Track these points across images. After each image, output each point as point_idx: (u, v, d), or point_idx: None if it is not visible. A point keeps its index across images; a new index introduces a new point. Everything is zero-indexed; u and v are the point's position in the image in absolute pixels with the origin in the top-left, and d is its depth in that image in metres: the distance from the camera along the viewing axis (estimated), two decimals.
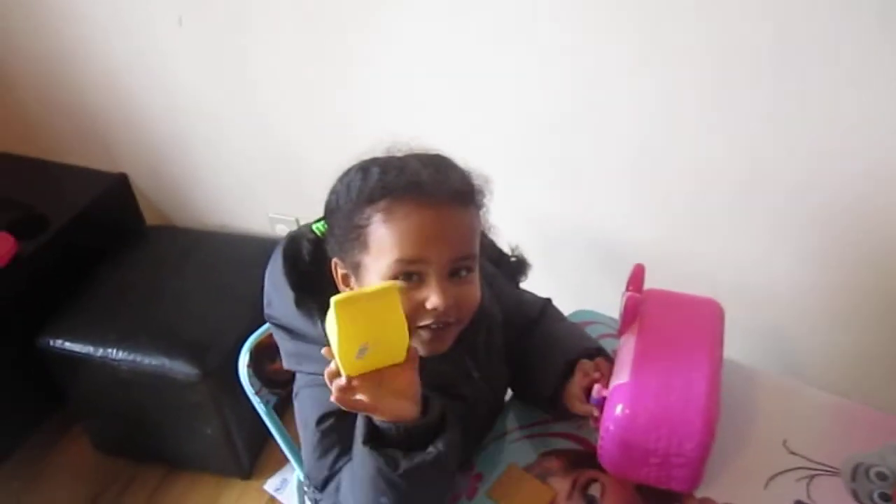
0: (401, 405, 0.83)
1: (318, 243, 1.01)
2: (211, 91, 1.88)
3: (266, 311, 1.02)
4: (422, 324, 0.90)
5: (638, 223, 1.60)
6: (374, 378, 0.80)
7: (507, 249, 1.15)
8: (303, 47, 1.69)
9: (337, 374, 0.79)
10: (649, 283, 1.11)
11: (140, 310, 1.83)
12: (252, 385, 1.25)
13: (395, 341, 0.80)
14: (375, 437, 0.84)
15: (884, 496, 1.02)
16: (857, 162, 1.33)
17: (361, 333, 0.77)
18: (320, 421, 0.94)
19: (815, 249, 1.47)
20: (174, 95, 1.94)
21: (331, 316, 0.78)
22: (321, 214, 1.06)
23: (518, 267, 1.14)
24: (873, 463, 1.06)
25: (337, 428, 0.93)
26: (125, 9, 1.82)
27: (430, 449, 0.84)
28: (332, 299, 0.76)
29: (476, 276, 0.94)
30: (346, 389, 0.79)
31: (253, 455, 1.94)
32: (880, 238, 1.39)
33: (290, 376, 1.32)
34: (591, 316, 1.30)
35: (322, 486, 0.96)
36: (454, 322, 0.93)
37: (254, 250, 2.03)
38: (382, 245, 0.88)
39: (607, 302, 1.34)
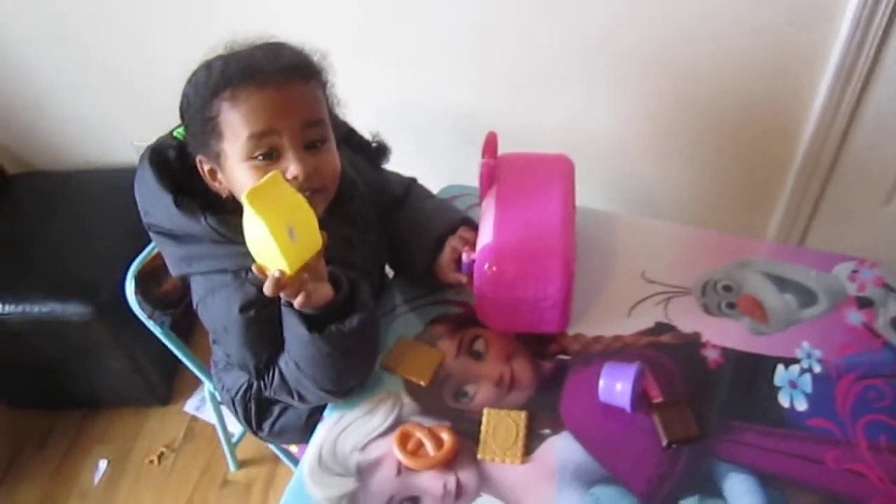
0: (324, 289, 0.93)
1: (181, 147, 1.03)
2: (40, 23, 1.77)
3: (145, 221, 1.04)
4: None
5: (491, 95, 1.65)
6: (303, 270, 0.88)
7: (368, 136, 1.19)
8: None
9: (278, 281, 0.86)
10: (514, 150, 1.18)
11: (19, 259, 1.78)
12: (144, 310, 1.27)
13: (308, 225, 0.88)
14: (312, 324, 0.93)
15: (730, 305, 1.15)
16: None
17: (281, 216, 0.84)
18: (243, 310, 0.98)
19: (650, 97, 1.56)
20: (4, 37, 1.82)
21: (249, 215, 0.85)
22: None
23: (379, 151, 1.18)
24: (720, 278, 1.19)
25: (259, 316, 0.98)
26: None
27: (360, 310, 0.96)
28: (243, 196, 0.84)
29: (332, 145, 1.00)
30: (289, 285, 0.87)
31: (167, 380, 1.97)
32: (702, 86, 1.50)
33: (180, 296, 1.35)
34: (459, 189, 1.37)
35: (256, 374, 1.04)
36: (319, 188, 0.99)
37: (124, 181, 1.95)
38: (234, 128, 0.93)
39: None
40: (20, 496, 1.85)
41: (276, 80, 0.93)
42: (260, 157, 0.94)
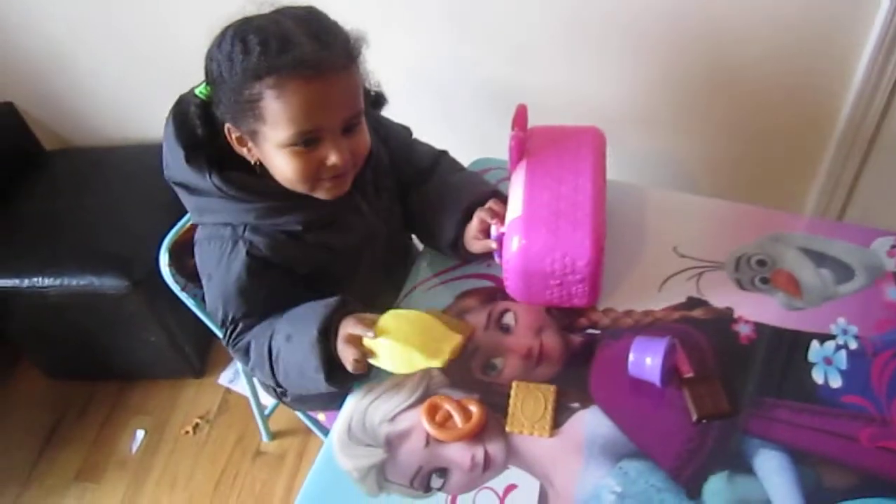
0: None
1: (204, 106, 1.02)
2: (76, 3, 1.79)
3: (165, 173, 1.07)
4: (325, 177, 1.00)
5: (523, 67, 1.62)
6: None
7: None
8: None
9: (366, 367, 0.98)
10: (545, 122, 1.16)
11: (58, 234, 1.82)
12: (177, 283, 1.29)
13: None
14: (330, 373, 0.99)
15: (764, 279, 1.13)
16: None
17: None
18: (230, 267, 1.04)
19: (683, 65, 1.53)
20: (43, 17, 1.84)
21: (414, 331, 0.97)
22: None
23: (376, 100, 1.14)
24: (754, 253, 1.17)
25: (240, 278, 1.04)
26: None
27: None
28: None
29: (364, 124, 1.02)
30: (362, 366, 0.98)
31: (202, 353, 2.01)
32: (736, 54, 1.46)
33: None
34: (490, 163, 1.35)
35: (220, 324, 1.09)
36: (353, 166, 1.03)
37: (158, 157, 1.98)
38: (278, 118, 0.93)
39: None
40: (61, 463, 1.91)
41: (324, 73, 0.92)
42: (301, 145, 0.96)
